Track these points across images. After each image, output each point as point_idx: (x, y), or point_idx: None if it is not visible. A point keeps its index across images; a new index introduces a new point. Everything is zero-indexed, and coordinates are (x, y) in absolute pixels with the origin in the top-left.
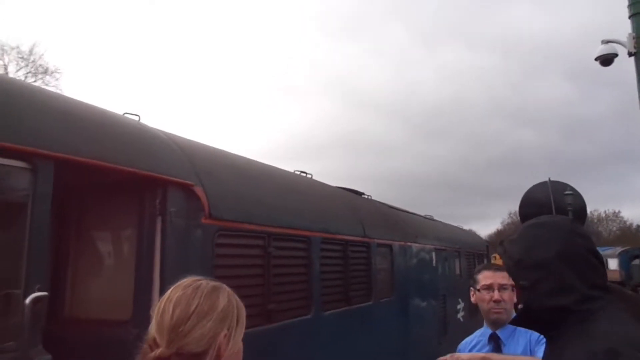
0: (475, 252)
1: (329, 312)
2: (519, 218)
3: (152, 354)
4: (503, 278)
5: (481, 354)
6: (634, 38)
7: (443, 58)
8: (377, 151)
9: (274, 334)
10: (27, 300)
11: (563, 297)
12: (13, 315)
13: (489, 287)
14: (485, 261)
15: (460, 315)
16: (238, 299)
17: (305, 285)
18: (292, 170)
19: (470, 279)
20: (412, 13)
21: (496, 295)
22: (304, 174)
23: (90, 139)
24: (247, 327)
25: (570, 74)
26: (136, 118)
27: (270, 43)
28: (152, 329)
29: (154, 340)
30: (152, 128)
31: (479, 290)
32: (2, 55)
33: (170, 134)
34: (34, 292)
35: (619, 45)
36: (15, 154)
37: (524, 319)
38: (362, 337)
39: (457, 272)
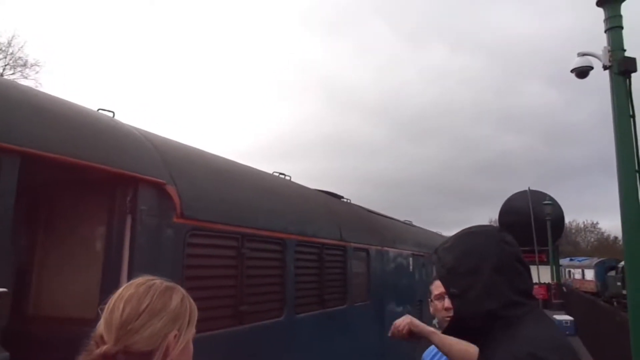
0: None
1: (302, 314)
2: (498, 225)
3: (98, 351)
4: None
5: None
6: (609, 52)
7: (428, 59)
8: (361, 153)
9: (245, 335)
10: None
11: (491, 302)
12: None
13: (441, 297)
14: None
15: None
16: (192, 301)
17: (279, 288)
18: (270, 172)
19: None
20: (398, 11)
21: (446, 303)
22: (282, 176)
23: (59, 134)
24: (218, 328)
25: (554, 81)
26: (110, 114)
27: (255, 40)
28: (100, 326)
29: (101, 337)
30: (125, 125)
31: (431, 300)
32: None
33: (144, 131)
34: None
35: (594, 58)
36: None
37: (455, 328)
38: (337, 340)
39: None
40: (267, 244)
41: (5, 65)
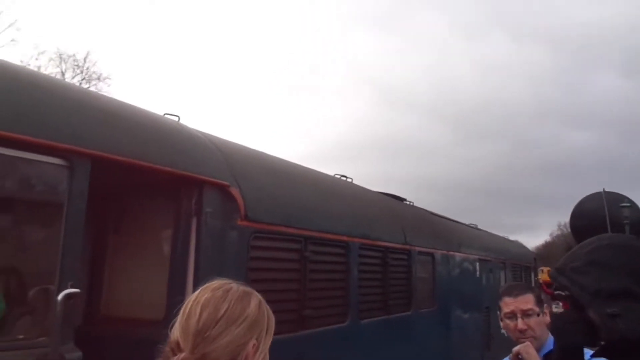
0: (522, 264)
1: (366, 320)
2: (569, 230)
3: (175, 359)
4: (526, 303)
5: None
6: None
7: (486, 52)
8: (416, 154)
9: (308, 340)
10: (60, 297)
11: None
12: (46, 311)
13: (512, 315)
14: (532, 275)
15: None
16: (268, 307)
17: (342, 292)
18: (332, 174)
19: None
20: (452, 1)
21: (520, 324)
22: (344, 178)
23: (128, 138)
24: (280, 333)
25: (629, 70)
26: (176, 119)
27: (305, 41)
28: (176, 331)
29: (177, 343)
30: (190, 128)
31: (501, 319)
32: (60, 63)
33: (208, 134)
34: (67, 288)
35: None
36: (52, 151)
37: (609, 350)
38: (401, 348)
39: (503, 283)
40: (330, 247)
41: (82, 80)
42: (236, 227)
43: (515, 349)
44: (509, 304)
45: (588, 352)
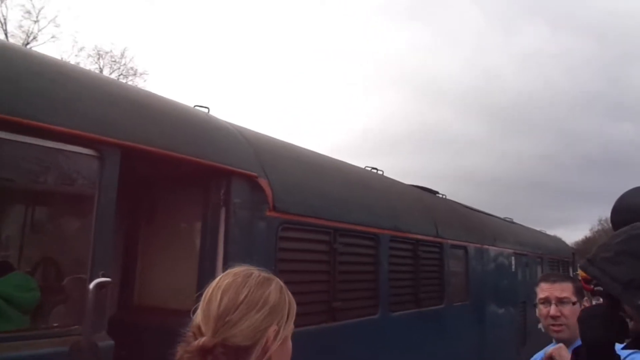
0: (560, 259)
1: (397, 313)
2: (610, 225)
3: (196, 343)
4: (563, 290)
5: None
6: None
7: (525, 43)
8: (452, 147)
9: (338, 333)
10: (91, 285)
11: None
12: (79, 300)
13: (546, 301)
14: (570, 270)
15: (541, 325)
16: (290, 294)
17: (373, 284)
18: (362, 167)
19: None
20: None
21: (552, 310)
22: (375, 170)
23: (157, 129)
24: (310, 324)
25: None
26: (205, 110)
27: (337, 33)
28: (198, 316)
29: (199, 328)
30: (219, 120)
31: (535, 304)
32: (98, 59)
33: (237, 125)
34: (98, 277)
35: None
36: (82, 141)
37: None
38: (433, 341)
39: None
40: (360, 239)
41: (119, 76)
42: (265, 217)
43: (549, 351)
44: (544, 289)
45: (619, 346)
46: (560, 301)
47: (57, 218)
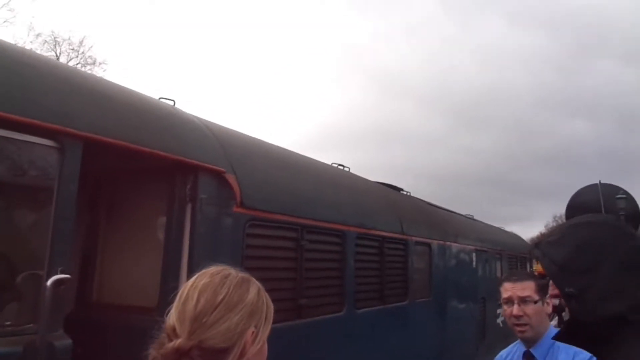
0: (518, 255)
1: (362, 310)
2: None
3: (170, 345)
4: (524, 289)
5: None
6: None
7: (482, 37)
8: (414, 143)
9: (304, 329)
10: (49, 282)
11: (617, 304)
12: (35, 297)
13: (509, 301)
14: (528, 265)
15: (500, 320)
16: (267, 295)
17: (339, 281)
18: (329, 163)
19: None
20: None
21: (515, 309)
22: (341, 167)
23: (121, 121)
24: (276, 322)
25: (631, 57)
26: (171, 103)
27: (300, 25)
28: (172, 316)
29: (173, 329)
30: (186, 113)
31: (500, 304)
32: (55, 46)
33: (204, 120)
34: (56, 274)
35: None
36: (42, 132)
37: (570, 334)
38: (397, 337)
39: (499, 274)
40: (326, 236)
41: (77, 64)
42: (232, 214)
43: None
44: (507, 289)
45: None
46: (523, 300)
47: (13, 211)
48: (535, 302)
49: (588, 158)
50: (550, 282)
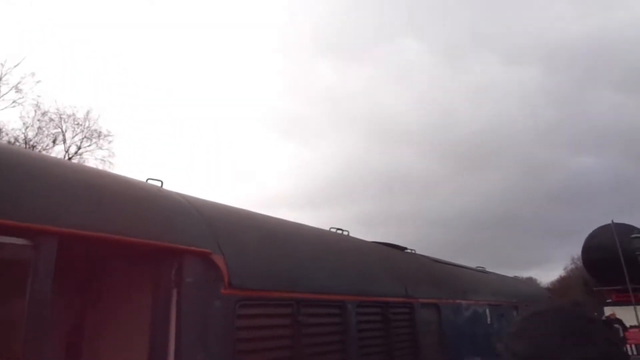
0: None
1: None
2: (582, 264)
3: None
4: None
5: None
6: None
7: (473, 76)
8: (415, 189)
9: None
10: None
11: None
12: None
13: None
14: None
15: None
16: None
17: (341, 355)
18: (327, 228)
19: None
20: (425, 26)
21: None
22: (340, 231)
23: (101, 213)
24: None
25: (627, 85)
26: (158, 184)
27: (283, 75)
28: None
29: None
30: (172, 193)
31: None
32: (60, 122)
33: (190, 197)
34: None
35: None
36: (15, 232)
37: None
38: None
39: None
40: (325, 308)
41: (83, 138)
42: (220, 296)
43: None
44: None
45: None
46: None
47: None
48: None
49: (599, 191)
50: None
